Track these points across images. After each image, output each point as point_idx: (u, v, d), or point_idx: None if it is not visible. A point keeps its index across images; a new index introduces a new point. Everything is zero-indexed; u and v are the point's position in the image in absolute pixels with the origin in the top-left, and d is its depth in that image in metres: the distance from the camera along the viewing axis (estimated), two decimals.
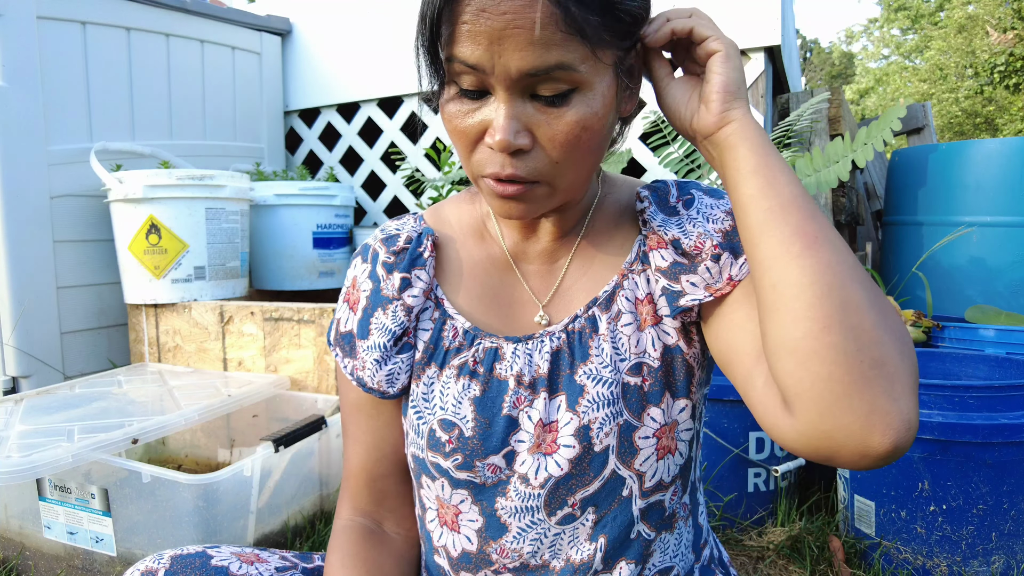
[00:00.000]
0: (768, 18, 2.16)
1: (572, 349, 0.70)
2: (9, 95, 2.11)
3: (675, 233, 0.69)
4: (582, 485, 0.68)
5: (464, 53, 0.58)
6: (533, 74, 0.57)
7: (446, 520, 0.74)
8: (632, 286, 0.72)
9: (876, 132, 1.59)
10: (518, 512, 0.70)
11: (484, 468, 0.70)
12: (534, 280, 0.75)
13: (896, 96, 17.66)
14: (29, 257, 2.17)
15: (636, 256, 0.72)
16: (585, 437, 0.67)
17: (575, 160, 0.62)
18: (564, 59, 0.57)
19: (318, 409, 1.81)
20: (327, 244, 2.62)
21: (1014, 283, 2.35)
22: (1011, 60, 12.26)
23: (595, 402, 0.68)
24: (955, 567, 1.34)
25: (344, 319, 0.77)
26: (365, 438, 0.78)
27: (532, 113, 0.60)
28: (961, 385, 1.32)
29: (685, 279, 0.68)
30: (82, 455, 1.33)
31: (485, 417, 0.70)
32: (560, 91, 0.59)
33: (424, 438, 0.72)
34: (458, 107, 0.62)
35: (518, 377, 0.70)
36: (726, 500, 1.60)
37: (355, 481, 0.79)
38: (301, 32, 3.09)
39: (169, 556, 0.72)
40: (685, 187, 0.74)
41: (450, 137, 0.65)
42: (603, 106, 0.61)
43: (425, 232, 0.75)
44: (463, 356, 0.72)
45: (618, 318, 0.71)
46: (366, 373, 0.74)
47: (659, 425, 0.69)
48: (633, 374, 0.69)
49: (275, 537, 1.52)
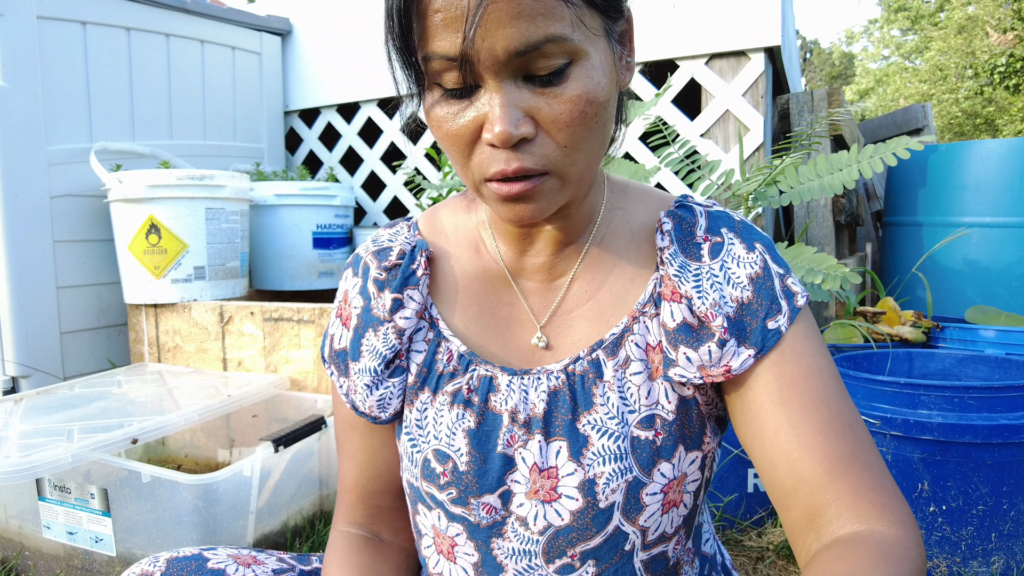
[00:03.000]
0: (768, 18, 2.16)
1: (574, 393, 0.65)
2: (9, 95, 2.11)
3: (690, 290, 0.63)
4: (583, 539, 0.64)
5: (443, 47, 0.51)
6: (523, 51, 0.51)
7: (442, 549, 0.71)
8: (643, 331, 0.65)
9: (887, 149, 1.59)
10: (515, 554, 0.66)
11: (479, 507, 0.66)
12: (533, 298, 0.69)
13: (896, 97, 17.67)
14: (29, 257, 2.17)
15: (650, 298, 0.66)
16: (590, 492, 0.63)
17: (584, 141, 0.55)
18: (553, 29, 0.51)
19: (318, 409, 1.81)
20: (327, 244, 2.62)
21: (1014, 283, 2.35)
22: (1011, 61, 12.26)
23: (600, 455, 0.63)
24: (955, 567, 1.34)
25: (337, 336, 0.73)
26: (359, 455, 0.75)
27: (529, 97, 0.53)
28: (961, 386, 1.32)
29: (683, 350, 0.63)
30: (82, 455, 1.33)
31: (480, 452, 0.66)
32: (555, 67, 0.52)
33: (419, 467, 0.68)
34: (445, 109, 0.55)
35: (512, 414, 0.66)
36: (726, 500, 1.60)
37: (349, 496, 0.77)
38: (301, 32, 3.09)
39: (165, 559, 0.71)
40: (717, 222, 0.66)
41: (441, 144, 0.58)
42: (604, 75, 0.55)
43: (419, 246, 0.70)
44: (457, 382, 0.68)
45: (626, 365, 0.64)
46: (357, 397, 0.71)
47: (668, 480, 0.64)
48: (644, 427, 0.64)
49: (275, 537, 1.52)
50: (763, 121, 2.22)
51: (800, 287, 0.65)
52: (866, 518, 0.55)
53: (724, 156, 2.27)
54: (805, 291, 0.65)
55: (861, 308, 1.98)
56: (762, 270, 0.64)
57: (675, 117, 2.35)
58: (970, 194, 2.45)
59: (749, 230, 0.66)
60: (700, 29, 2.26)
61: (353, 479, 0.76)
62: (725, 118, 2.29)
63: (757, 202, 1.77)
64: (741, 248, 0.64)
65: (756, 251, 0.64)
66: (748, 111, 2.23)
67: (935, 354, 1.67)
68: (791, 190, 1.72)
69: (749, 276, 0.63)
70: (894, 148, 1.58)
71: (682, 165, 1.88)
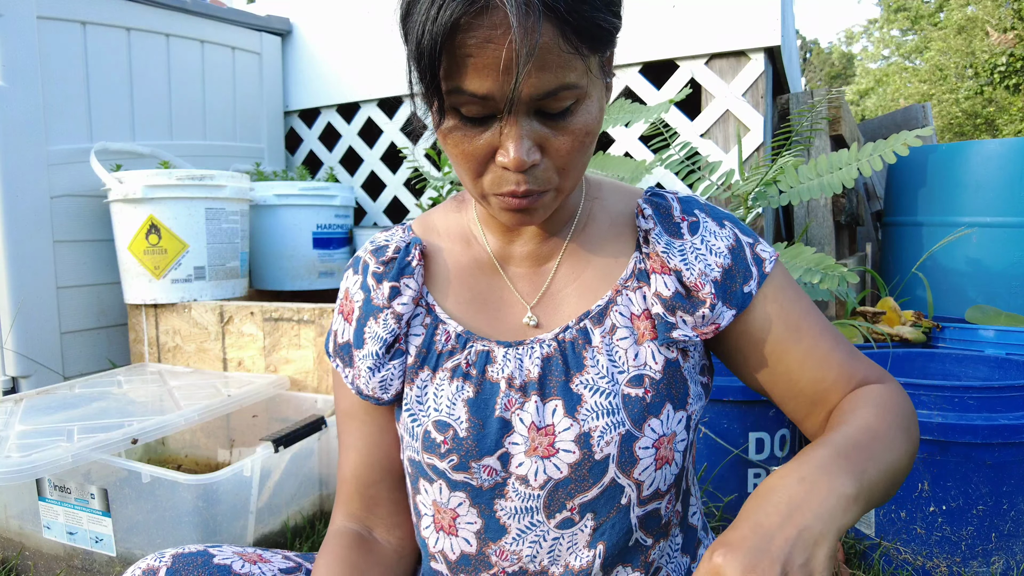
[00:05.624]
0: (768, 18, 2.16)
1: (565, 357, 0.72)
2: (9, 95, 2.11)
3: (678, 263, 0.72)
4: (581, 491, 0.69)
5: (473, 86, 0.58)
6: (542, 97, 0.59)
7: (442, 525, 0.74)
8: (626, 302, 0.73)
9: (886, 146, 1.59)
10: (518, 513, 0.71)
11: (480, 470, 0.70)
12: (521, 283, 0.77)
13: (896, 97, 17.66)
14: (29, 257, 2.17)
15: (632, 273, 0.74)
16: (586, 444, 0.68)
17: (578, 163, 0.65)
18: (568, 79, 0.59)
19: (318, 409, 1.81)
20: (327, 244, 2.62)
21: (1014, 283, 2.35)
22: (1011, 60, 12.26)
23: (594, 411, 0.69)
24: (955, 568, 1.34)
25: (341, 330, 0.79)
26: (357, 444, 0.80)
27: (539, 129, 0.61)
28: (961, 386, 1.32)
29: (680, 314, 0.72)
30: (82, 455, 1.33)
31: (479, 418, 0.71)
32: (565, 107, 0.61)
33: (419, 440, 0.73)
34: (462, 133, 0.62)
35: (509, 380, 0.71)
36: (726, 500, 1.60)
37: (347, 487, 0.81)
38: (301, 32, 3.09)
39: (171, 555, 0.71)
40: (688, 205, 0.76)
41: (453, 160, 0.65)
42: (599, 109, 0.65)
43: (413, 242, 0.78)
44: (456, 359, 0.73)
45: (613, 332, 0.72)
46: (361, 380, 0.77)
47: (658, 436, 0.70)
48: (634, 386, 0.70)
49: (275, 537, 1.52)
50: (763, 121, 2.22)
51: (768, 252, 0.75)
52: (881, 380, 0.73)
53: (724, 156, 2.27)
54: (774, 253, 0.75)
55: (861, 308, 1.98)
56: (735, 241, 0.74)
57: (675, 117, 2.35)
58: (970, 194, 2.45)
59: (715, 210, 0.76)
60: (700, 29, 2.26)
61: (351, 468, 0.80)
62: (725, 118, 2.29)
63: (757, 202, 1.77)
64: (714, 225, 0.75)
65: (726, 226, 0.75)
66: (748, 111, 2.23)
67: (935, 354, 1.67)
68: (791, 190, 1.72)
69: (727, 246, 0.73)
70: (893, 145, 1.58)
71: (682, 166, 1.88)
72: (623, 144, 2.46)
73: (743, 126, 2.25)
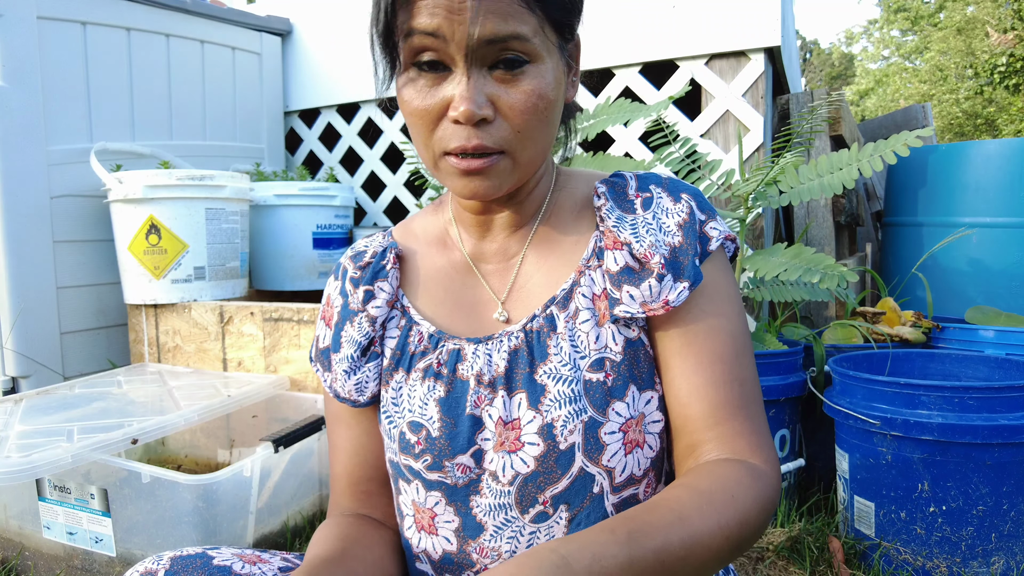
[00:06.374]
0: (768, 19, 2.16)
1: (531, 348, 0.71)
2: (9, 95, 2.11)
3: (628, 236, 0.71)
4: (551, 483, 0.69)
5: (424, 23, 0.60)
6: (492, 41, 0.60)
7: (423, 525, 0.75)
8: (589, 282, 0.72)
9: (887, 147, 1.59)
10: (492, 510, 0.71)
11: (454, 468, 0.71)
12: (493, 279, 0.77)
13: (896, 97, 17.67)
14: (29, 257, 2.17)
15: (592, 252, 0.73)
16: (549, 435, 0.68)
17: (534, 129, 0.64)
18: (519, 30, 0.60)
19: (318, 409, 1.81)
20: (327, 244, 2.62)
21: (1014, 283, 2.35)
22: (1011, 61, 12.26)
23: (557, 400, 0.69)
24: (955, 568, 1.34)
25: (322, 336, 0.81)
26: (346, 446, 0.81)
27: (492, 85, 0.62)
28: (961, 386, 1.32)
29: (626, 289, 0.70)
30: (82, 455, 1.33)
31: (450, 417, 0.71)
32: (516, 61, 0.62)
33: (396, 441, 0.74)
34: (417, 87, 0.63)
35: (478, 376, 0.71)
36: None
37: (339, 485, 0.82)
38: (301, 32, 3.09)
39: (169, 557, 0.71)
40: (645, 181, 0.75)
41: (408, 120, 0.66)
42: (554, 79, 0.65)
43: (390, 246, 0.79)
44: (428, 359, 0.74)
45: (576, 316, 0.71)
46: (338, 384, 0.78)
47: (624, 419, 0.69)
48: (595, 370, 0.69)
49: (275, 537, 1.52)
50: (763, 121, 2.22)
51: (719, 231, 0.73)
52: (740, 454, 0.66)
53: (724, 156, 2.27)
54: (725, 233, 0.73)
55: (861, 308, 1.98)
56: (688, 216, 0.72)
57: (675, 117, 2.35)
58: (970, 194, 2.44)
59: (676, 184, 0.75)
60: (700, 29, 2.26)
61: (342, 468, 0.82)
62: (725, 119, 2.29)
63: (757, 202, 1.77)
64: (668, 201, 0.73)
65: (682, 201, 0.73)
66: (748, 111, 2.23)
67: (935, 354, 1.67)
68: (791, 190, 1.72)
69: (677, 223, 0.71)
70: (893, 146, 1.58)
71: (682, 165, 1.88)
72: (623, 144, 2.46)
73: (743, 126, 2.25)
